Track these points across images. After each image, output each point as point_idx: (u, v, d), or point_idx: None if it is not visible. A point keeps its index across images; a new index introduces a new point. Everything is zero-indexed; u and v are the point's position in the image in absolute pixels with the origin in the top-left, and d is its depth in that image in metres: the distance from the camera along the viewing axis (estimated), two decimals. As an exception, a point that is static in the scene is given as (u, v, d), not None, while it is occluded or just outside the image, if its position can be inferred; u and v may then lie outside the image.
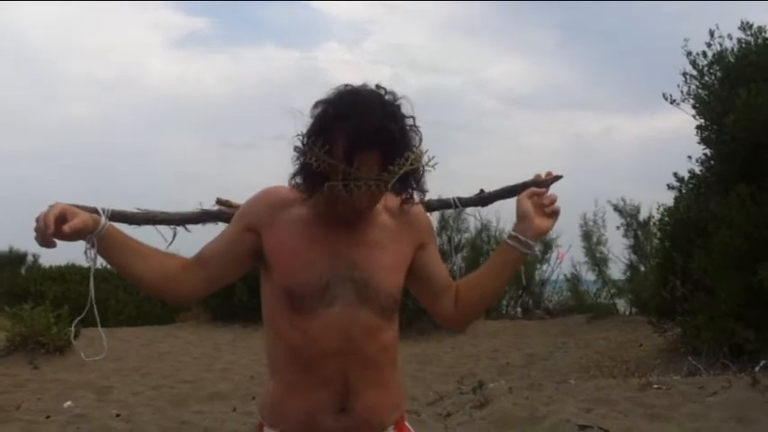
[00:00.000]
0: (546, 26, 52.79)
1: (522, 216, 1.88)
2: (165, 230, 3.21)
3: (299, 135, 1.71)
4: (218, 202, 3.39)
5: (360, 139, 1.63)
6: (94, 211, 2.23)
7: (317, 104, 1.71)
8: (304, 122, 1.72)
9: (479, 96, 48.43)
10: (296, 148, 1.72)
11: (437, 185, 1.79)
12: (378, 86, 1.72)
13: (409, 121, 1.72)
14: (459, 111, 41.26)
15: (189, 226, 3.31)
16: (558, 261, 16.66)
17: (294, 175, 1.74)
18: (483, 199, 2.37)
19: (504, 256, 1.90)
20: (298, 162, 1.73)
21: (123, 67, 46.51)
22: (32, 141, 38.53)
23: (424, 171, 1.75)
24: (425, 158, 1.73)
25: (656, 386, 6.39)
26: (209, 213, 3.29)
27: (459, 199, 2.39)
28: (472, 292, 1.94)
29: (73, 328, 2.28)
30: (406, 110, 1.72)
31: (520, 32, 51.87)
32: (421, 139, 1.74)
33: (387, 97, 1.71)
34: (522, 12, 54.18)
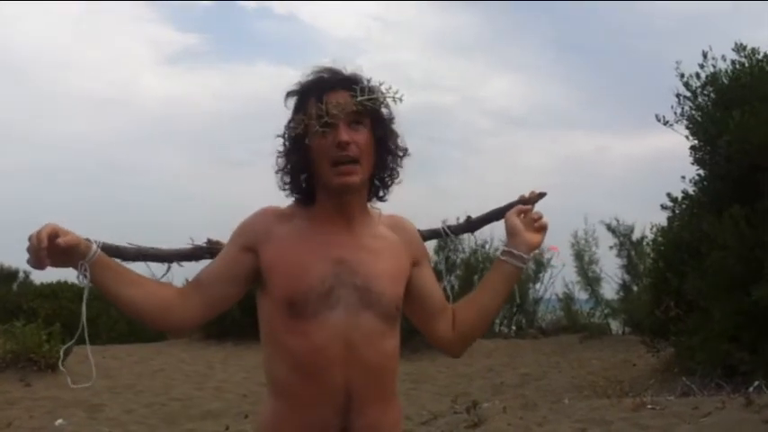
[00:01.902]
0: (540, 44, 53.09)
1: (512, 232, 1.93)
2: (157, 267, 3.20)
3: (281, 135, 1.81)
4: (209, 242, 3.39)
5: (326, 83, 1.75)
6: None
7: (288, 93, 1.81)
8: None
9: (473, 114, 48.52)
10: (280, 146, 1.81)
11: (433, 203, 1.81)
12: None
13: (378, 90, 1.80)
14: (453, 128, 41.28)
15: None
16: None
17: (282, 174, 1.81)
18: (471, 225, 2.38)
19: (499, 272, 1.93)
20: (283, 159, 1.81)
21: (116, 83, 46.53)
22: (25, 158, 38.39)
23: (395, 119, 1.82)
24: (391, 93, 1.80)
25: (650, 406, 6.38)
26: (203, 249, 3.27)
27: (449, 227, 2.39)
28: (469, 312, 1.94)
29: (62, 353, 2.25)
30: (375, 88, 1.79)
31: (513, 50, 52.07)
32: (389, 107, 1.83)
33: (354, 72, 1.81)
34: (516, 30, 54.50)
